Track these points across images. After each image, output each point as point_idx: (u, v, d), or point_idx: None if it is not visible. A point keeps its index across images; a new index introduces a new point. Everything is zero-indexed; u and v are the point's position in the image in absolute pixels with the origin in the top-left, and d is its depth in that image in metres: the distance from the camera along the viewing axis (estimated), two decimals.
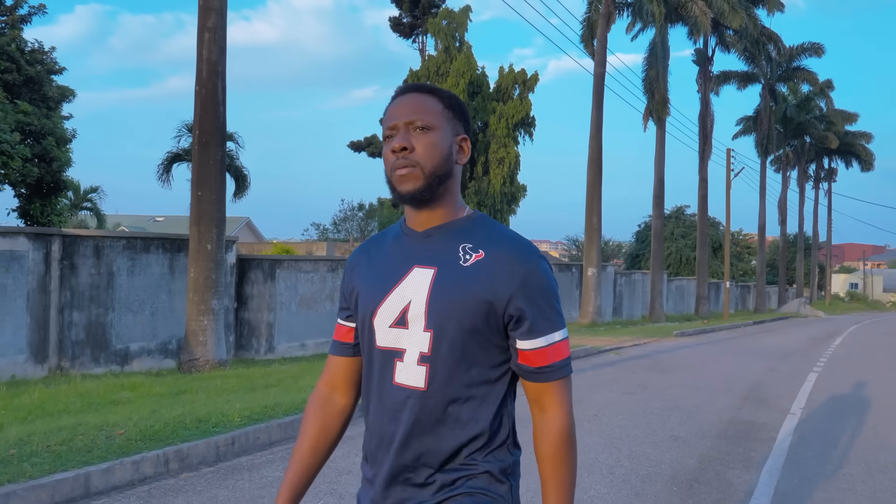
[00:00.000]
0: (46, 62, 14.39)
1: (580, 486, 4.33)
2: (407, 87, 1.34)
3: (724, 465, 4.97)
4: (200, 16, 9.30)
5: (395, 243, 1.37)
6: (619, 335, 16.16)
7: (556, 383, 1.29)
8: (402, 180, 1.28)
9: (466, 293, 1.25)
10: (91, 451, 4.37)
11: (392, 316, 1.30)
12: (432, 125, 1.29)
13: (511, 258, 1.27)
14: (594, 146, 21.30)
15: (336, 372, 1.44)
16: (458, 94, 33.07)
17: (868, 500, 4.29)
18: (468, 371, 1.27)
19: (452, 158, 1.32)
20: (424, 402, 1.26)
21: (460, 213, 1.34)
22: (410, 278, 1.30)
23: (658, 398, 7.76)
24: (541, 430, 1.29)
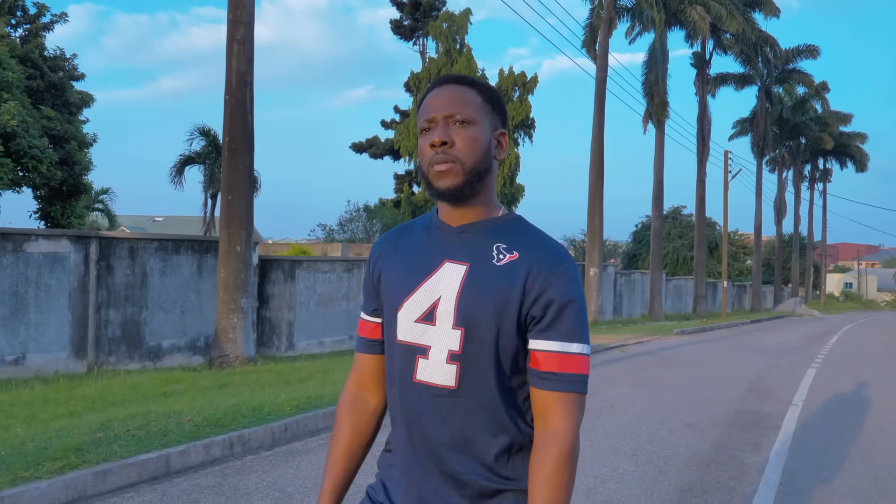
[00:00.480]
0: (67, 68, 14.82)
1: (609, 464, 4.82)
2: (446, 79, 1.30)
3: (735, 448, 5.47)
4: (229, 28, 9.74)
5: (426, 235, 1.33)
6: (622, 333, 16.65)
7: (564, 395, 1.20)
8: (441, 176, 1.23)
9: (496, 292, 1.22)
10: (166, 436, 4.82)
11: (419, 310, 1.26)
12: (472, 119, 1.25)
13: (543, 260, 1.23)
14: (596, 149, 21.80)
15: (364, 370, 1.39)
16: None
17: (867, 477, 4.78)
18: (501, 373, 1.22)
19: (491, 154, 1.28)
20: (455, 402, 1.22)
21: (496, 212, 1.31)
22: (441, 273, 1.26)
23: (668, 391, 8.25)
24: (541, 445, 1.19)
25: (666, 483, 4.46)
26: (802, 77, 41.53)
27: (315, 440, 5.50)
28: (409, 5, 38.58)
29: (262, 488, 4.24)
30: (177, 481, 4.37)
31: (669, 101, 26.58)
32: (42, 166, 12.35)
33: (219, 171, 20.25)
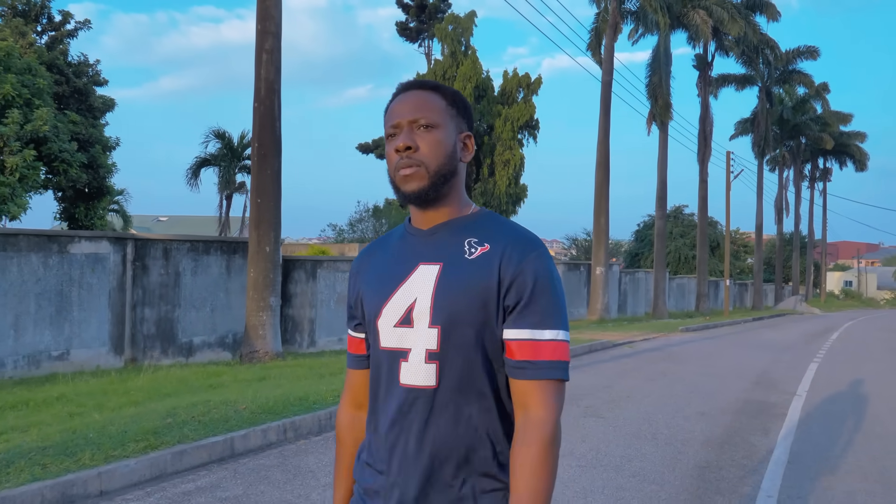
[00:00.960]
0: (91, 74, 15.27)
1: (632, 446, 5.29)
2: (409, 84, 1.31)
3: (746, 432, 5.93)
4: (258, 39, 10.20)
5: (400, 243, 1.34)
6: (628, 331, 17.11)
7: (541, 383, 1.18)
8: (407, 180, 1.25)
9: (471, 285, 1.21)
10: (227, 422, 5.29)
11: (397, 315, 1.25)
12: (436, 123, 1.26)
13: (514, 248, 1.23)
14: (602, 150, 22.25)
15: (357, 388, 1.40)
16: (466, 98, 33.99)
17: (866, 458, 5.24)
18: (481, 367, 1.21)
19: (457, 156, 1.29)
20: (437, 401, 1.21)
21: (466, 211, 1.31)
22: (416, 276, 1.26)
23: (678, 383, 8.71)
24: (521, 433, 1.18)
25: (685, 461, 4.93)
26: (803, 78, 42.00)
27: None
28: (415, 7, 39.05)
29: (322, 467, 4.71)
30: (243, 461, 4.83)
31: (672, 103, 27.04)
32: (72, 170, 12.81)
33: (234, 172, 20.76)
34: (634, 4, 24.44)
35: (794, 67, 41.47)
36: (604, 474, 4.56)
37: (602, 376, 9.26)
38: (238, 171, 20.41)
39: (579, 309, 22.89)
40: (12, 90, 11.90)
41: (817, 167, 53.99)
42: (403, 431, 1.23)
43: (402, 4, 39.74)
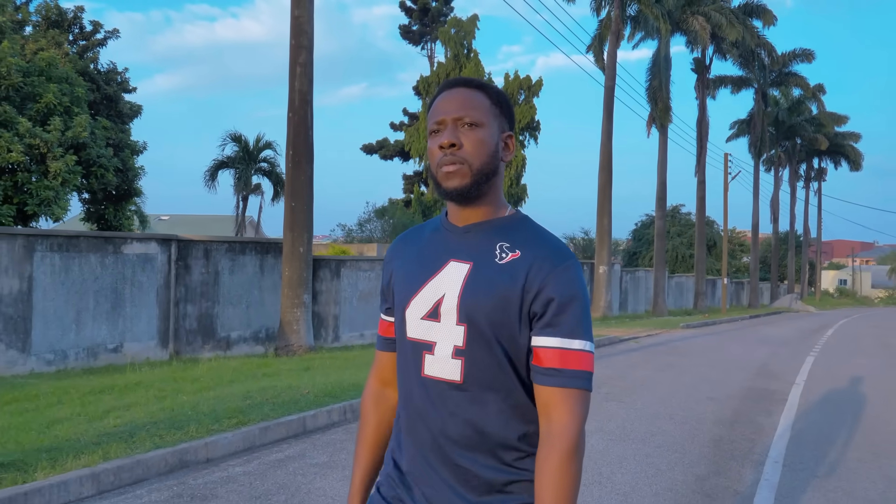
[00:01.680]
0: (120, 81, 15.93)
1: (653, 424, 6.02)
2: (455, 81, 1.33)
3: (752, 414, 6.68)
4: (292, 53, 10.88)
5: (434, 236, 1.36)
6: (632, 327, 17.85)
7: (567, 391, 1.20)
8: (449, 177, 1.26)
9: (498, 290, 1.24)
10: (297, 403, 5.99)
11: (425, 308, 1.29)
12: (481, 122, 1.28)
13: (545, 259, 1.25)
14: (604, 153, 22.98)
15: (385, 367, 1.44)
16: None
17: (859, 434, 5.98)
18: (506, 367, 1.24)
19: (499, 155, 1.30)
20: (462, 396, 1.25)
21: (502, 212, 1.33)
22: (446, 272, 1.29)
23: (686, 374, 9.45)
24: (545, 441, 1.20)
25: (701, 436, 5.67)
26: (798, 80, 42.76)
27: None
28: (418, 11, 39.74)
29: None
30: (316, 436, 5.54)
31: (671, 105, 27.77)
32: (108, 174, 13.47)
33: (250, 175, 21.42)
34: (634, 9, 25.18)
35: (789, 69, 42.21)
36: (632, 446, 5.29)
37: (615, 368, 9.99)
38: (254, 174, 21.07)
39: None
40: (54, 99, 12.56)
41: (812, 167, 54.81)
42: (425, 419, 1.27)
43: (404, 7, 40.44)
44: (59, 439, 4.62)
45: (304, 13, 10.86)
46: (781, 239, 51.76)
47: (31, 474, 3.91)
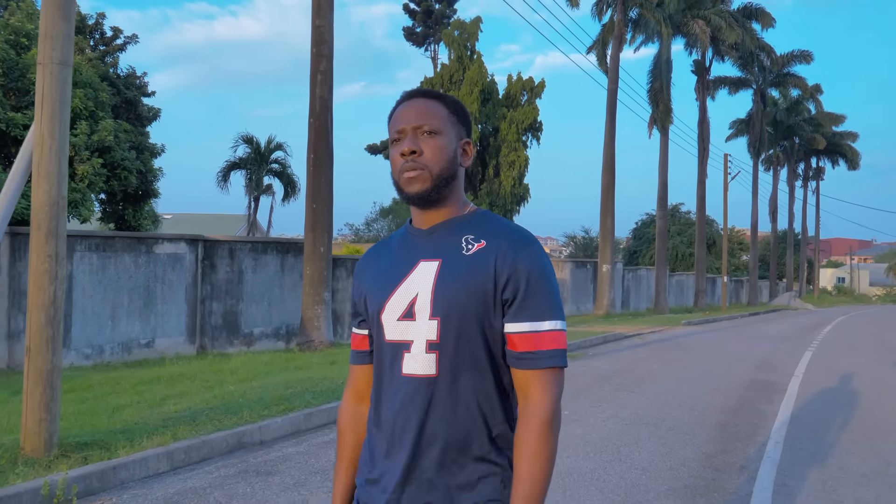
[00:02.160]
0: (139, 85, 16.40)
1: (663, 411, 6.51)
2: (413, 93, 1.38)
3: (754, 402, 7.17)
4: (313, 61, 11.34)
5: (401, 243, 1.41)
6: (635, 324, 18.34)
7: (542, 371, 1.26)
8: (411, 182, 1.32)
9: (468, 279, 1.28)
10: (334, 392, 6.48)
11: (400, 309, 1.32)
12: (439, 130, 1.33)
13: (509, 245, 1.29)
14: (608, 154, 23.48)
15: (359, 382, 1.46)
16: (472, 102, 35.28)
17: (853, 420, 6.47)
18: (479, 357, 1.28)
19: (457, 161, 1.36)
20: (437, 389, 1.27)
21: (464, 210, 1.39)
22: (416, 272, 1.33)
23: (691, 367, 9.94)
24: (523, 418, 1.25)
25: (708, 420, 6.16)
26: (797, 81, 43.24)
27: None
28: (422, 13, 40.24)
29: None
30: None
31: (672, 107, 28.25)
32: (131, 176, 13.94)
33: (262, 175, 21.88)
34: (636, 13, 25.64)
35: (788, 70, 42.70)
36: (646, 429, 5.78)
37: (622, 362, 10.48)
38: (266, 174, 21.53)
39: (586, 304, 24.14)
40: (80, 104, 13.03)
41: (810, 166, 55.30)
42: (407, 420, 1.29)
43: (408, 10, 40.92)
44: (128, 422, 5.10)
45: (325, 23, 11.33)
46: (780, 237, 52.26)
47: (114, 452, 4.39)
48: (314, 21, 11.42)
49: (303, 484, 4.27)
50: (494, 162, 36.66)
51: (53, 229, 4.34)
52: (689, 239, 42.97)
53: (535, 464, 1.22)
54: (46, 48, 4.40)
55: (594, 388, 7.88)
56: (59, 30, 4.40)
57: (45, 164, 4.29)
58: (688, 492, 4.17)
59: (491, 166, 36.71)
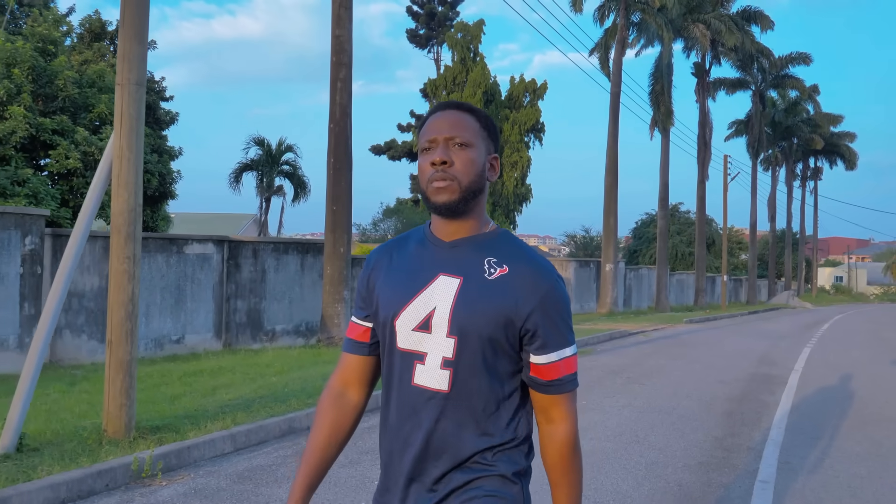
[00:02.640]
0: (157, 90, 16.86)
1: (672, 400, 7.00)
2: (447, 104, 1.42)
3: (757, 393, 7.67)
4: (333, 69, 11.83)
5: (420, 249, 1.43)
6: (638, 322, 18.84)
7: (564, 396, 1.36)
8: (439, 192, 1.34)
9: (490, 305, 1.32)
10: None
11: (416, 320, 1.36)
12: (470, 142, 1.37)
13: (532, 276, 1.35)
14: (611, 156, 23.97)
15: (350, 370, 1.49)
16: (476, 103, 35.74)
17: (850, 409, 6.98)
18: (489, 377, 1.34)
19: (485, 175, 1.39)
20: (447, 404, 1.33)
21: (486, 228, 1.42)
22: (436, 285, 1.36)
23: (695, 362, 10.45)
24: (548, 440, 1.37)
25: (715, 409, 6.67)
26: (795, 82, 43.69)
27: None
28: (425, 15, 40.70)
29: None
30: None
31: (673, 109, 28.74)
32: (154, 179, 14.42)
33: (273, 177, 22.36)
34: (637, 16, 26.13)
35: (786, 72, 43.18)
36: (658, 416, 6.28)
37: (630, 357, 10.98)
38: (277, 176, 22.00)
39: (589, 302, 24.65)
40: (105, 109, 13.50)
41: (808, 166, 55.82)
42: (414, 428, 1.35)
43: (411, 12, 41.40)
44: (189, 409, 5.59)
45: (345, 32, 11.81)
46: (778, 237, 52.78)
47: (184, 434, 4.87)
48: (334, 31, 11.90)
49: (357, 462, 4.77)
50: None
51: (132, 233, 4.83)
52: (689, 238, 43.46)
53: (571, 476, 1.36)
54: (124, 70, 4.88)
55: (606, 381, 8.38)
56: (135, 53, 4.89)
57: (124, 175, 4.79)
58: (701, 468, 4.68)
59: None
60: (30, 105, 12.51)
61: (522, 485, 1.37)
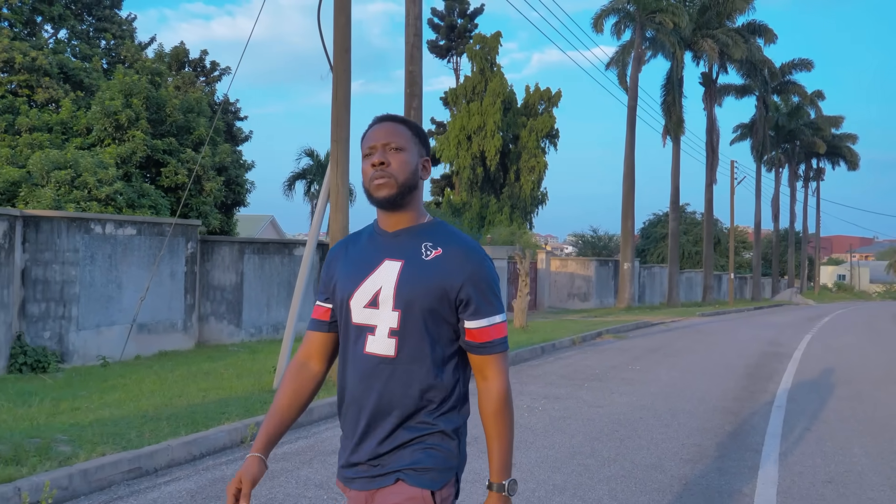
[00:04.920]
0: (233, 111, 19.07)
1: (705, 367, 9.19)
2: (383, 118, 1.68)
3: (768, 364, 9.87)
4: (407, 99, 13.97)
5: (369, 241, 1.68)
6: (656, 315, 21.00)
7: (496, 356, 1.59)
8: (379, 188, 1.60)
9: (427, 281, 1.57)
10: None
11: (366, 298, 1.60)
12: (404, 147, 1.62)
13: (462, 255, 1.59)
14: (628, 163, 26.14)
15: (313, 344, 1.73)
16: (495, 112, 38.03)
17: (842, 371, 9.15)
18: (429, 344, 1.57)
19: (418, 174, 1.65)
20: (394, 368, 1.57)
21: (423, 219, 1.66)
22: (382, 269, 1.60)
23: (716, 344, 12.63)
24: (484, 395, 1.59)
25: (739, 372, 8.87)
26: (797, 88, 45.81)
27: (541, 359, 9.83)
28: (445, 28, 42.89)
29: (547, 373, 8.58)
30: None
31: (684, 118, 30.88)
32: (242, 191, 16.65)
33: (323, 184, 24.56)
34: (650, 33, 28.26)
35: (789, 78, 45.26)
36: (696, 376, 8.46)
37: (660, 341, 13.16)
38: None
39: (608, 298, 26.84)
40: (204, 132, 15.74)
41: (811, 167, 57.78)
42: (367, 389, 1.58)
43: (433, 25, 43.58)
44: None
45: (417, 69, 13.97)
46: (782, 236, 54.85)
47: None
48: (408, 67, 14.05)
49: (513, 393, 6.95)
50: (515, 167, 39.34)
51: None
52: (695, 238, 45.57)
53: (502, 427, 1.58)
54: (338, 130, 7.07)
55: (647, 356, 10.56)
56: (344, 119, 7.09)
57: (339, 202, 6.98)
58: (735, 400, 6.88)
59: (512, 171, 39.40)
60: (146, 129, 14.72)
61: (460, 440, 1.61)
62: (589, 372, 8.69)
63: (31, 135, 14.13)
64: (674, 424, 5.78)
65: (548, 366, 9.31)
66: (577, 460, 4.63)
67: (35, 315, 8.49)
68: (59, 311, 8.72)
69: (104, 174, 12.93)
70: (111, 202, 13.16)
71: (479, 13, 43.70)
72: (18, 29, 16.84)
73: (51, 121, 14.77)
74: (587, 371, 8.78)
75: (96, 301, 9.11)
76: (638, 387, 7.61)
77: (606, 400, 6.82)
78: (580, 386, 7.64)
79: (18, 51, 15.13)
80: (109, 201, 13.12)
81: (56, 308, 8.69)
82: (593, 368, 9.05)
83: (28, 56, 15.20)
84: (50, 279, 8.62)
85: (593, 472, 4.41)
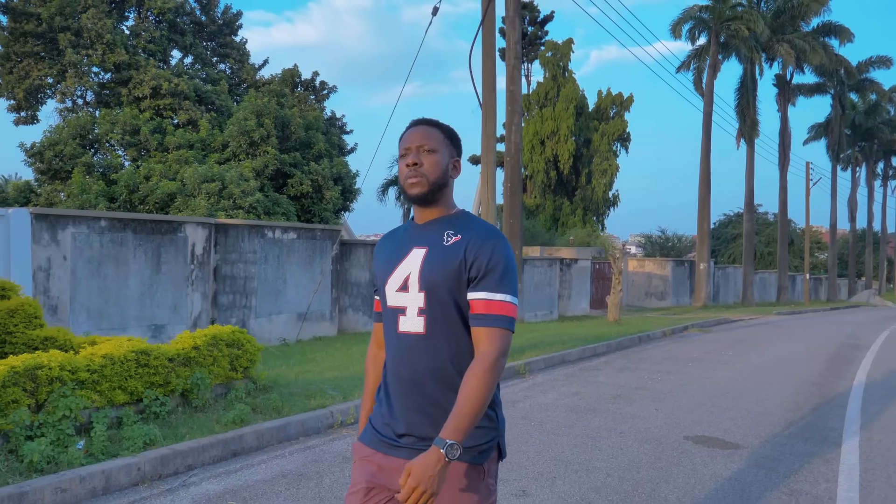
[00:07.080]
0: (340, 126, 21.16)
1: (791, 354, 10.46)
2: (418, 121, 1.84)
3: (848, 353, 11.05)
4: (508, 116, 15.59)
5: (404, 234, 1.87)
6: (734, 313, 21.95)
7: (492, 329, 1.68)
8: (413, 186, 1.76)
9: (446, 263, 1.72)
10: (566, 343, 10.64)
11: (398, 283, 1.79)
12: (436, 149, 1.78)
13: (479, 238, 1.73)
14: (704, 167, 27.05)
15: (377, 333, 1.99)
16: (568, 117, 39.26)
17: None
18: (455, 320, 1.72)
19: (448, 173, 1.80)
20: (425, 343, 1.74)
21: (451, 211, 1.83)
22: (410, 256, 1.78)
23: (796, 338, 13.76)
24: (473, 362, 1.67)
25: (822, 357, 10.14)
26: (875, 86, 45.08)
27: (639, 346, 11.27)
28: None
29: (652, 356, 10.04)
30: (601, 357, 10.17)
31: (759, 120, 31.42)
32: (352, 198, 18.61)
33: None
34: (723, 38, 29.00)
35: (866, 76, 44.57)
36: (783, 360, 9.77)
37: (742, 334, 14.35)
38: None
39: (683, 297, 27.80)
40: (322, 147, 17.76)
41: (890, 166, 56.50)
42: (402, 363, 1.77)
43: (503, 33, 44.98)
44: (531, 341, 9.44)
45: (517, 88, 15.57)
46: (859, 236, 53.87)
47: (538, 351, 8.65)
48: (508, 86, 15.66)
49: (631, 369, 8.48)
50: (587, 170, 40.48)
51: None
52: (767, 238, 45.53)
53: (472, 391, 1.62)
54: (487, 154, 8.73)
55: (734, 345, 11.86)
56: (491, 145, 8.74)
57: (489, 212, 8.62)
58: (821, 377, 8.24)
59: (584, 174, 40.55)
60: (275, 144, 16.81)
61: (496, 410, 1.78)
62: (688, 356, 10.11)
63: (178, 151, 16.41)
64: (772, 391, 7.21)
65: (649, 351, 10.77)
66: (703, 408, 6.17)
67: (224, 304, 10.48)
68: (243, 301, 10.70)
69: (246, 186, 15.08)
70: (252, 210, 15.29)
71: (549, 20, 44.95)
72: (158, 58, 19.26)
73: (192, 139, 17.06)
74: (686, 355, 10.21)
75: (269, 293, 11.06)
76: (734, 366, 9.02)
77: (711, 374, 8.27)
78: (685, 365, 9.10)
79: (164, 78, 17.48)
80: (251, 209, 15.25)
81: (240, 299, 10.67)
82: (690, 353, 10.46)
83: (172, 83, 17.53)
84: (235, 275, 10.61)
85: (717, 414, 5.95)
